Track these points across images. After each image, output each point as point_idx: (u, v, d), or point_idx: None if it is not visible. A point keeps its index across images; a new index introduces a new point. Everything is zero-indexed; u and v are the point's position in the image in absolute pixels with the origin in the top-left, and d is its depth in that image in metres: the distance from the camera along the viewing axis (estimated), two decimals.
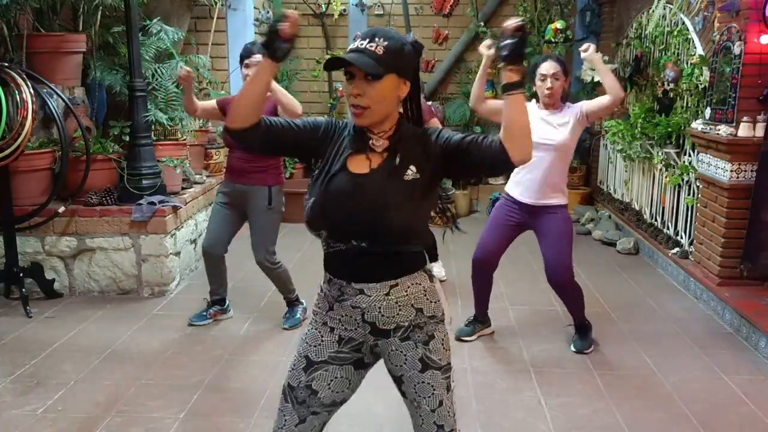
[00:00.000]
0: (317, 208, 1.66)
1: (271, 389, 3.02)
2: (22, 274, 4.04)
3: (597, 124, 6.58)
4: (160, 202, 4.23)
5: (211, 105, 3.69)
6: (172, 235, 4.34)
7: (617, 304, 4.25)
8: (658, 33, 5.43)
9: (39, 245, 4.24)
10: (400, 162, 1.65)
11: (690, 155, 4.68)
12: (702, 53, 4.50)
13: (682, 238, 4.84)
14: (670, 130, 4.84)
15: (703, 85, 4.42)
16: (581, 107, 3.32)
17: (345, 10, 7.13)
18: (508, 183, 3.50)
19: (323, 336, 1.75)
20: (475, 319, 3.71)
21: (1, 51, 4.27)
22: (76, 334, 3.69)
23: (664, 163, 5.04)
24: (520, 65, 1.56)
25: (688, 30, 4.80)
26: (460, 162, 1.66)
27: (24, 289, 4.01)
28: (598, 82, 6.16)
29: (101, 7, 4.48)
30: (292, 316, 3.82)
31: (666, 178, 5.05)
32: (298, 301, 3.87)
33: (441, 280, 4.65)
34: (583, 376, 3.25)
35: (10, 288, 4.18)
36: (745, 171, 3.93)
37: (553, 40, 6.72)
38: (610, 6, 6.79)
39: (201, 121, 5.21)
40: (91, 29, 4.59)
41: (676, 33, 5.01)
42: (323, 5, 7.13)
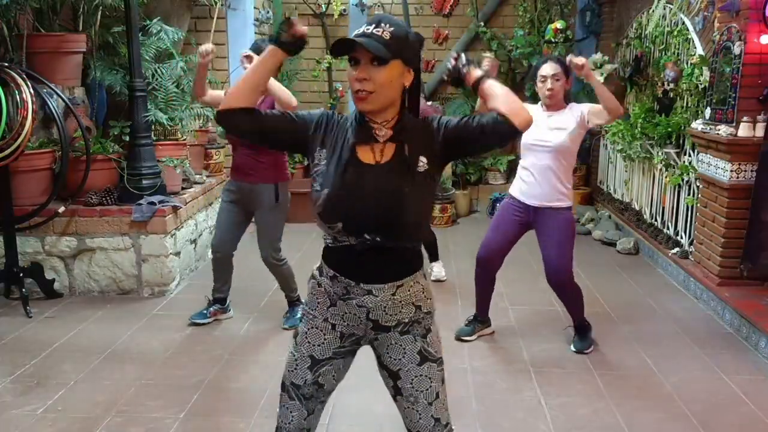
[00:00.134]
0: (333, 199, 1.62)
1: (271, 389, 3.01)
2: (22, 274, 4.05)
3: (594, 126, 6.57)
4: (160, 202, 4.23)
5: (219, 94, 3.71)
6: (172, 235, 4.34)
7: (617, 304, 4.25)
8: (658, 33, 5.43)
9: (39, 245, 4.24)
10: (410, 153, 1.66)
11: (690, 155, 4.68)
12: (702, 53, 4.50)
13: (682, 238, 4.84)
14: (670, 130, 4.84)
15: (703, 85, 4.42)
16: (583, 110, 3.31)
17: (345, 10, 7.12)
18: (512, 185, 3.51)
19: (325, 334, 1.76)
20: (475, 319, 3.71)
21: (1, 51, 4.27)
22: (76, 334, 3.69)
23: (664, 163, 5.04)
24: (468, 79, 1.73)
25: (688, 30, 4.80)
26: (464, 138, 1.68)
27: (24, 289, 4.01)
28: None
29: (101, 7, 4.48)
30: (293, 316, 3.82)
31: (666, 178, 5.05)
32: (299, 301, 3.87)
33: (441, 280, 4.69)
34: (583, 376, 3.25)
35: (10, 288, 4.18)
36: (745, 171, 3.94)
37: (553, 40, 6.72)
38: (610, 6, 6.79)
39: (201, 121, 5.20)
40: (91, 29, 4.59)
41: (676, 33, 5.01)
42: (323, 5, 7.13)
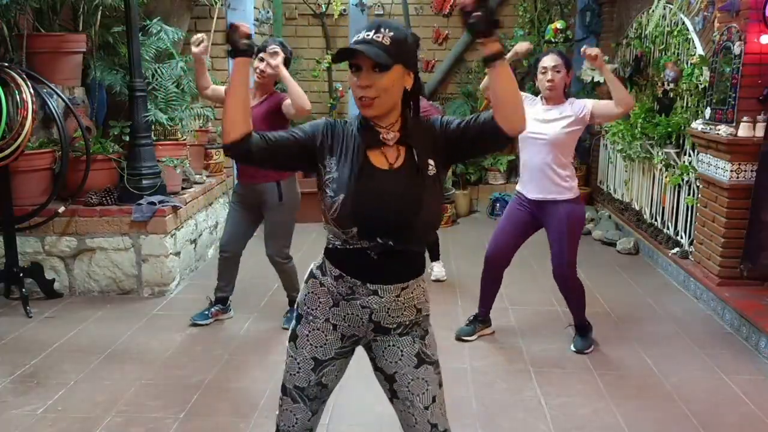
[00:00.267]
0: (349, 205, 1.61)
1: (271, 389, 3.01)
2: (22, 274, 4.04)
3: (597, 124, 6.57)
4: (160, 202, 4.23)
5: (220, 90, 3.69)
6: (172, 235, 4.34)
7: (617, 304, 4.25)
8: (658, 33, 5.43)
9: (39, 245, 4.24)
10: (419, 156, 1.66)
11: (690, 155, 4.68)
12: (702, 53, 4.50)
13: (682, 238, 4.84)
14: (670, 130, 4.84)
15: (703, 85, 4.42)
16: (586, 105, 3.31)
17: (345, 11, 7.13)
18: (519, 182, 3.54)
19: (327, 335, 1.76)
20: (476, 319, 3.71)
21: (1, 51, 4.27)
22: (76, 334, 3.69)
23: (664, 163, 5.04)
24: (495, 36, 1.54)
25: (688, 30, 4.79)
26: (462, 143, 1.68)
27: (24, 289, 4.01)
28: (597, 82, 6.17)
29: (101, 7, 4.48)
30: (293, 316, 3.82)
31: (666, 178, 5.05)
32: None
33: (441, 280, 4.69)
34: (583, 376, 3.25)
35: (10, 288, 4.18)
36: (745, 171, 3.94)
37: (553, 40, 6.72)
38: (610, 6, 6.79)
39: (201, 121, 5.20)
40: (91, 29, 4.59)
41: (676, 33, 5.01)
42: (323, 5, 7.13)
